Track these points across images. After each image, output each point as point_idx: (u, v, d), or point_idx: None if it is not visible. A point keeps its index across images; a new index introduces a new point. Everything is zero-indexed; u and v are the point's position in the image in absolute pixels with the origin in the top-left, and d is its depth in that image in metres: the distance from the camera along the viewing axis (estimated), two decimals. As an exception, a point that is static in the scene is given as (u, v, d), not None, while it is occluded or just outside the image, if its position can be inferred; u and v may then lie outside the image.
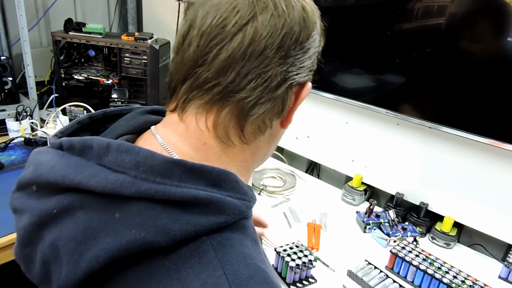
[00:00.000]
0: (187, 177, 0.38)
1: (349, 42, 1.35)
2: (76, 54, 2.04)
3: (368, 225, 1.28)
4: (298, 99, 0.47)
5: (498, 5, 1.03)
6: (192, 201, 0.37)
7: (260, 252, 0.44)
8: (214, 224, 0.38)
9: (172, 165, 0.38)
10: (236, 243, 0.39)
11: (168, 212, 0.36)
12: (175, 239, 0.35)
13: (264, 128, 0.45)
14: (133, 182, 0.36)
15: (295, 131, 1.67)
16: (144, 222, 0.35)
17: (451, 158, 1.23)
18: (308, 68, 0.46)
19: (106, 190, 0.36)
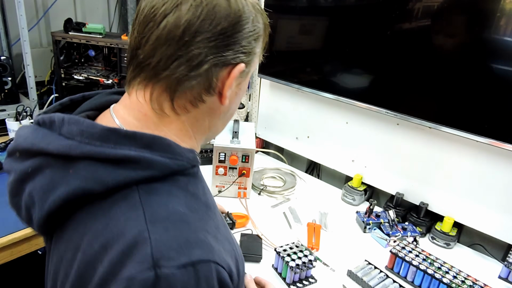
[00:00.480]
0: (122, 141, 0.48)
1: (349, 42, 1.35)
2: (76, 54, 2.05)
3: (368, 225, 1.28)
4: (229, 78, 0.53)
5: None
6: (124, 159, 0.47)
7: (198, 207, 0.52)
8: (142, 176, 0.48)
9: (109, 132, 0.49)
10: (163, 192, 0.49)
11: (105, 167, 0.47)
12: (109, 187, 0.47)
13: (195, 102, 0.53)
14: (78, 146, 0.47)
15: (295, 131, 1.67)
16: (87, 175, 0.47)
17: (451, 158, 1.23)
18: (238, 50, 0.53)
19: (60, 152, 0.48)
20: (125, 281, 0.42)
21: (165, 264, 0.43)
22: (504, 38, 1.03)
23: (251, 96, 1.86)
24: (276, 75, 1.60)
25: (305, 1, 1.48)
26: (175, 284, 0.43)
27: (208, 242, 0.49)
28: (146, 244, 0.44)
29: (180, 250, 0.45)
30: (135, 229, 0.45)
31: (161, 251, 0.43)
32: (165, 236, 0.45)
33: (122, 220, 0.46)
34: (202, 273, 0.46)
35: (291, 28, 1.51)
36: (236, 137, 1.41)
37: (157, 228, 0.45)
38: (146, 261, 0.43)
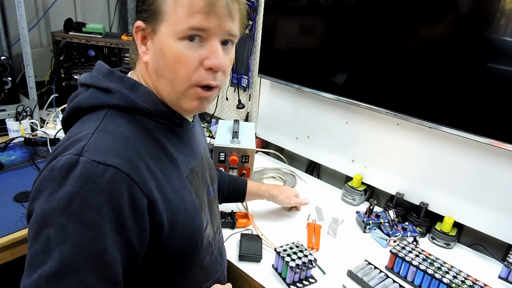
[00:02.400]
0: (115, 80, 0.66)
1: (349, 42, 1.35)
2: (76, 54, 2.05)
3: (368, 225, 1.28)
4: (134, 34, 0.67)
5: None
6: (109, 89, 0.65)
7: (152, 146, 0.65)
8: (113, 103, 0.64)
9: (109, 72, 0.67)
10: (122, 119, 0.64)
11: (98, 93, 0.65)
12: (90, 105, 0.65)
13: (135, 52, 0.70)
14: (91, 77, 0.67)
15: (295, 131, 1.67)
16: (87, 96, 0.66)
17: (451, 158, 1.23)
18: (138, 9, 0.64)
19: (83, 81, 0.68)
20: (61, 158, 0.57)
21: (86, 155, 0.56)
22: (504, 38, 1.03)
23: (251, 96, 1.86)
24: (276, 75, 1.60)
25: (305, 1, 1.48)
26: (86, 172, 0.55)
27: (135, 164, 0.59)
28: (85, 141, 0.58)
29: (104, 153, 0.57)
30: (86, 131, 0.60)
31: (90, 147, 0.57)
32: (100, 141, 0.59)
33: (86, 125, 0.62)
34: (111, 176, 0.55)
35: (291, 28, 1.51)
36: (236, 137, 1.41)
37: (100, 135, 0.60)
38: (77, 150, 0.57)
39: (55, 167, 0.56)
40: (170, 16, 0.61)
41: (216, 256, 0.85)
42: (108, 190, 0.55)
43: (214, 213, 0.86)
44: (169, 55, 0.62)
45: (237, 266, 1.07)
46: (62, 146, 0.60)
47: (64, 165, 0.56)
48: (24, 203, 1.23)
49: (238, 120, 1.56)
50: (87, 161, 0.55)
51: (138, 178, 0.58)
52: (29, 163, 1.48)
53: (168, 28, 0.61)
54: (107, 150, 0.57)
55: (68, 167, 0.55)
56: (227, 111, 1.97)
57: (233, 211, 1.26)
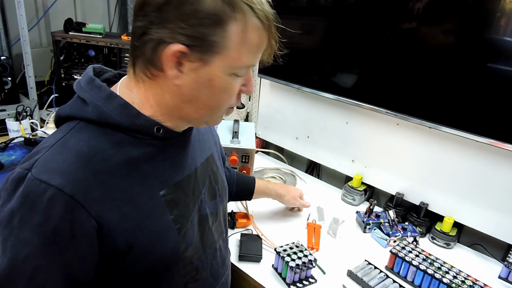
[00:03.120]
0: (94, 89, 0.62)
1: (349, 42, 1.35)
2: (76, 54, 2.05)
3: (368, 225, 1.28)
4: (164, 55, 0.57)
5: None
6: (85, 100, 0.61)
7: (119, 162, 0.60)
8: (85, 116, 0.61)
9: (90, 80, 0.63)
10: (89, 132, 0.60)
11: (76, 101, 0.63)
12: (66, 115, 0.63)
13: (146, 72, 0.61)
14: (77, 84, 0.64)
15: (295, 131, 1.67)
16: (69, 104, 0.64)
17: (451, 158, 1.23)
18: (176, 30, 0.55)
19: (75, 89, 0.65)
20: (15, 170, 0.56)
21: (33, 172, 0.54)
22: (504, 38, 1.03)
23: (251, 96, 1.86)
24: (276, 75, 1.60)
25: (305, 1, 1.48)
26: (27, 190, 0.54)
27: (85, 183, 0.56)
28: (39, 155, 0.57)
29: (49, 171, 0.55)
30: (46, 144, 0.59)
31: (39, 163, 0.55)
32: (51, 157, 0.56)
33: (52, 137, 0.61)
34: (50, 197, 0.53)
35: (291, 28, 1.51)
36: (236, 137, 1.41)
37: (55, 150, 0.57)
38: (29, 164, 0.56)
39: (9, 178, 0.57)
40: (230, 52, 0.58)
41: (206, 279, 0.78)
42: (46, 210, 0.53)
43: (208, 232, 0.78)
44: (218, 86, 0.61)
45: (237, 266, 1.07)
46: (27, 156, 0.59)
47: (15, 178, 0.56)
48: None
49: (238, 120, 1.56)
50: (31, 178, 0.54)
51: (84, 200, 0.55)
52: (29, 163, 1.48)
53: (223, 63, 0.58)
54: (53, 169, 0.55)
55: (16, 181, 0.55)
56: (227, 111, 1.97)
57: (233, 211, 1.26)
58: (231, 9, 0.56)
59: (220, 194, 0.83)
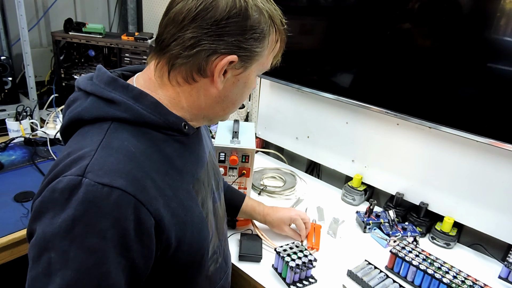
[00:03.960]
0: (118, 88, 0.63)
1: (349, 42, 1.35)
2: (76, 54, 2.05)
3: (368, 225, 1.28)
4: (217, 65, 0.62)
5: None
6: (113, 100, 0.62)
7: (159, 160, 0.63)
8: (118, 116, 0.61)
9: (112, 80, 0.64)
10: (127, 132, 0.61)
11: (100, 103, 0.62)
12: (93, 117, 0.61)
13: (187, 78, 0.64)
14: (92, 85, 0.64)
15: (295, 131, 1.67)
16: (87, 106, 0.62)
17: (451, 158, 1.23)
18: (231, 43, 0.61)
19: (83, 88, 0.65)
20: (62, 179, 0.54)
21: (90, 176, 0.53)
22: (504, 38, 1.03)
23: (251, 96, 1.86)
24: (276, 75, 1.60)
25: (305, 1, 1.48)
26: (90, 195, 0.52)
27: (141, 183, 0.57)
28: (87, 160, 0.55)
29: (108, 173, 0.54)
30: (89, 148, 0.57)
31: (93, 167, 0.54)
32: (104, 159, 0.56)
33: (88, 140, 0.59)
34: (116, 199, 0.53)
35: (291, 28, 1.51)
36: (236, 137, 1.41)
37: (103, 152, 0.57)
38: (80, 170, 0.54)
39: (56, 188, 0.54)
40: (262, 58, 0.67)
41: (221, 264, 0.84)
42: (113, 213, 0.53)
43: (220, 220, 0.84)
44: (249, 87, 0.70)
45: (237, 266, 1.07)
46: (62, 163, 0.56)
47: (66, 187, 0.53)
48: (24, 203, 1.23)
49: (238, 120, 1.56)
50: (91, 183, 0.52)
51: (144, 198, 0.56)
52: (29, 163, 1.48)
53: (256, 67, 0.68)
54: (112, 170, 0.55)
55: (70, 189, 0.53)
56: (227, 111, 1.97)
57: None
58: (271, 23, 0.65)
59: (221, 184, 0.90)
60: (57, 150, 1.60)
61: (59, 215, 0.52)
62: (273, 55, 0.71)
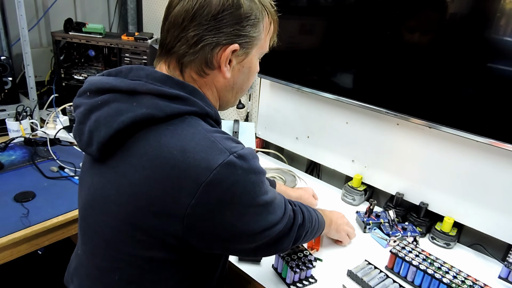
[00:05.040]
0: (174, 86, 0.66)
1: (349, 42, 1.35)
2: (76, 54, 2.05)
3: (368, 225, 1.28)
4: (222, 56, 0.68)
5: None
6: (178, 97, 0.65)
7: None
8: (190, 110, 0.66)
9: (167, 78, 0.67)
10: (204, 123, 0.67)
11: (163, 101, 0.64)
12: (167, 114, 0.63)
13: (200, 73, 0.70)
14: (144, 84, 0.65)
15: (295, 131, 1.67)
16: (150, 105, 0.63)
17: (451, 158, 1.23)
18: (230, 33, 0.67)
19: (129, 88, 0.64)
20: (222, 165, 0.60)
21: (234, 150, 0.62)
22: (504, 38, 1.03)
23: (251, 96, 1.86)
24: (276, 75, 1.60)
25: (305, 1, 1.48)
26: (249, 152, 0.64)
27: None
28: (216, 143, 0.62)
29: (230, 142, 0.64)
30: (200, 135, 0.63)
31: (227, 145, 0.62)
32: (221, 138, 0.63)
33: (189, 133, 0.63)
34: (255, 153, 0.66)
35: (291, 28, 1.51)
36: (236, 137, 1.41)
37: (200, 136, 0.63)
38: (224, 152, 0.61)
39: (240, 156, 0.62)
40: (261, 41, 0.74)
41: None
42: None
43: None
44: (253, 71, 0.76)
45: (237, 266, 1.07)
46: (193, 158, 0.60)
47: (249, 152, 0.65)
48: (24, 203, 1.23)
49: (238, 120, 1.56)
50: (241, 153, 0.63)
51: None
52: (29, 163, 1.48)
53: (257, 51, 0.74)
54: (233, 143, 0.65)
55: (240, 163, 0.62)
56: (227, 111, 1.97)
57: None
58: (262, 8, 0.71)
59: None
60: (57, 150, 1.60)
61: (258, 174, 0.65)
62: (269, 37, 0.77)
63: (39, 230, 1.14)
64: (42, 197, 1.26)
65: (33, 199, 1.25)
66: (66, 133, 1.68)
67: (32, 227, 1.14)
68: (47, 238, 1.19)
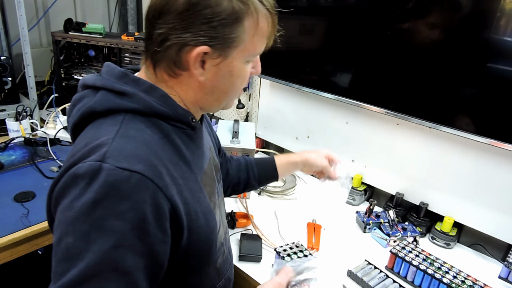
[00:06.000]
0: (129, 82, 0.65)
1: (349, 42, 1.35)
2: (76, 54, 2.05)
3: (368, 225, 1.28)
4: (190, 58, 0.62)
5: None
6: (125, 93, 0.63)
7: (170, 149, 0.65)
8: (131, 107, 0.63)
9: (123, 74, 0.66)
10: (141, 123, 0.63)
11: (112, 96, 0.64)
12: (106, 109, 0.63)
13: (170, 73, 0.66)
14: (102, 79, 0.66)
15: (295, 131, 1.67)
16: (99, 100, 0.64)
17: (451, 158, 1.23)
18: (197, 34, 0.60)
19: (91, 83, 0.66)
20: (83, 164, 0.56)
21: (110, 161, 0.55)
22: (504, 38, 1.03)
23: (251, 96, 1.86)
24: (276, 75, 1.60)
25: (305, 1, 1.48)
26: (111, 179, 0.54)
27: (158, 169, 0.59)
28: (106, 147, 0.57)
29: (127, 158, 0.56)
30: (106, 137, 0.59)
31: (112, 153, 0.56)
32: (121, 146, 0.58)
33: (103, 130, 0.61)
34: (136, 182, 0.55)
35: (291, 28, 1.51)
36: (236, 137, 1.41)
37: (121, 140, 0.59)
38: (99, 156, 0.56)
39: (77, 173, 0.55)
40: (246, 44, 0.64)
41: (227, 256, 0.87)
42: (132, 196, 0.54)
43: (223, 214, 0.88)
44: (237, 75, 0.67)
45: (237, 266, 1.07)
46: (80, 152, 0.58)
47: (88, 171, 0.55)
48: (24, 203, 1.23)
49: (238, 120, 1.56)
50: (111, 168, 0.54)
51: (162, 184, 0.58)
52: (29, 163, 1.48)
53: (240, 54, 0.65)
54: (130, 156, 0.57)
55: (91, 174, 0.54)
56: (227, 111, 1.97)
57: (233, 211, 1.26)
58: (245, 6, 0.62)
59: (221, 179, 0.92)
60: (57, 150, 1.60)
61: (79, 199, 0.54)
62: (262, 37, 0.67)
63: (39, 230, 1.14)
64: (42, 197, 1.26)
65: (33, 199, 1.25)
66: (66, 133, 1.68)
67: (32, 227, 1.14)
68: (47, 238, 1.19)
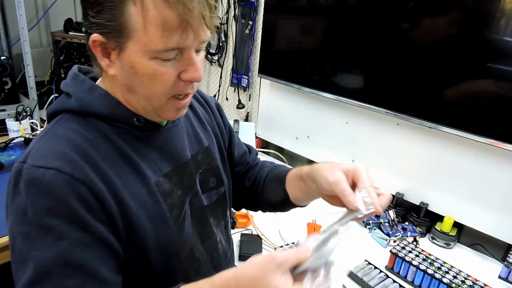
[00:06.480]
0: (78, 83, 0.66)
1: (349, 42, 1.35)
2: (76, 54, 2.04)
3: (368, 225, 1.27)
4: (90, 46, 0.60)
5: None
6: (68, 93, 0.65)
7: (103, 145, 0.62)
8: (68, 107, 0.64)
9: (75, 76, 0.67)
10: (76, 122, 0.62)
11: (63, 97, 0.66)
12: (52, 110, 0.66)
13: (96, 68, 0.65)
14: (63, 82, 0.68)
15: (295, 131, 1.67)
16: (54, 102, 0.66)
17: (451, 158, 1.23)
18: (87, 20, 0.58)
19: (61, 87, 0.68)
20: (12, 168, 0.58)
21: (28, 161, 0.56)
22: (504, 38, 1.03)
23: (251, 96, 1.86)
24: (276, 75, 1.60)
25: (305, 1, 1.48)
26: (29, 178, 0.55)
27: (78, 164, 0.57)
28: (30, 147, 0.59)
29: (45, 157, 0.57)
30: (38, 136, 0.62)
31: (32, 153, 0.58)
32: (44, 144, 0.59)
33: (41, 131, 0.63)
34: (51, 178, 0.54)
35: (291, 28, 1.51)
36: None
37: (45, 139, 0.60)
38: (22, 157, 0.58)
39: (9, 178, 0.58)
40: (140, 35, 0.54)
41: (209, 272, 0.75)
42: (53, 192, 0.54)
43: (206, 223, 0.77)
44: (143, 73, 0.58)
45: (237, 266, 1.07)
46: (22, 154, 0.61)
47: (13, 174, 0.57)
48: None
49: (238, 120, 1.56)
50: (28, 167, 0.56)
51: (82, 178, 0.56)
52: (29, 163, 1.48)
53: (138, 47, 0.55)
54: (49, 153, 0.57)
55: (15, 176, 0.56)
56: (227, 111, 1.97)
57: (233, 211, 1.26)
58: None
59: (217, 186, 0.81)
60: (57, 150, 1.59)
61: (12, 203, 0.56)
62: (159, 28, 0.54)
63: (39, 230, 1.14)
64: (42, 197, 1.26)
65: (33, 199, 1.25)
66: (66, 133, 1.67)
67: (32, 227, 1.14)
68: (47, 238, 1.19)
